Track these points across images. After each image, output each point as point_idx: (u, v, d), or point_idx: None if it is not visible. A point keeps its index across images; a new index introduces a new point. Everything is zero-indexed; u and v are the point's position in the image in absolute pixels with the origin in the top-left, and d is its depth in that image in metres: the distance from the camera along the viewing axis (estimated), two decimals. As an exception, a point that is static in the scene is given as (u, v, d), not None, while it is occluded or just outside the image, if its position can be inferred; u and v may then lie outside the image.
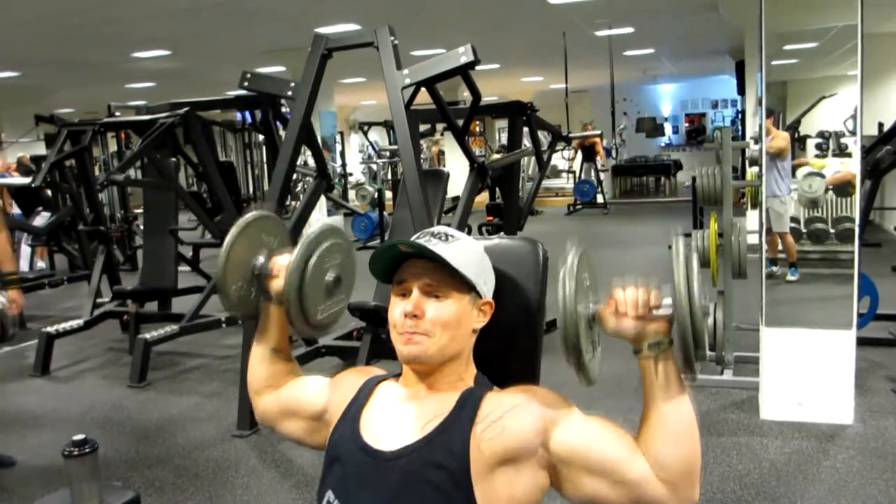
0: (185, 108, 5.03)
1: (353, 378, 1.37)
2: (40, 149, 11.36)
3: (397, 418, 1.24)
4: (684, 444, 1.13)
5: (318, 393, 1.40)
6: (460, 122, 4.53)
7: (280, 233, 1.51)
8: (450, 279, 1.22)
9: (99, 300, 5.77)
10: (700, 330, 1.10)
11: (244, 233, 1.43)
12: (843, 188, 5.60)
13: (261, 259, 1.44)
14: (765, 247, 4.01)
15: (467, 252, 1.26)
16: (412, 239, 1.25)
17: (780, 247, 6.26)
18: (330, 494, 1.24)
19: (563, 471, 1.16)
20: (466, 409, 1.21)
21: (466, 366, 1.28)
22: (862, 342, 3.87)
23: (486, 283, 1.29)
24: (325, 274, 1.41)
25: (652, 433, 1.14)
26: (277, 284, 1.39)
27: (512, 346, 1.37)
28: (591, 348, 1.19)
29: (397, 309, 1.24)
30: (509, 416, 1.18)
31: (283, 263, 1.39)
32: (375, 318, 4.21)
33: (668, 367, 1.14)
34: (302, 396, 1.42)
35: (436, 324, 1.21)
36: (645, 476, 1.12)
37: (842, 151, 7.50)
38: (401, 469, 1.18)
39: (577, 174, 14.79)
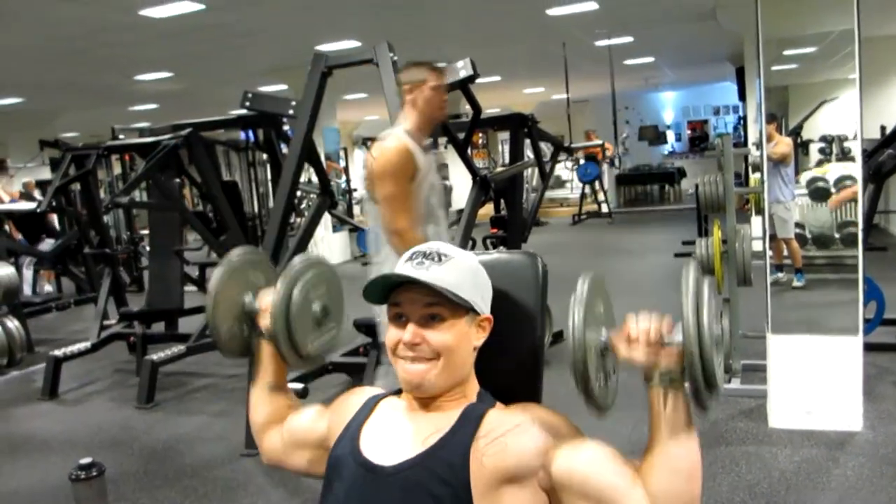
0: (188, 129, 5.07)
1: (353, 399, 1.38)
2: (46, 173, 11.44)
3: (398, 433, 1.25)
4: (684, 484, 1.12)
5: (317, 420, 1.41)
6: (462, 136, 4.55)
7: (266, 269, 1.53)
8: (446, 302, 1.21)
9: (106, 322, 5.79)
10: (710, 364, 1.07)
11: (230, 274, 1.46)
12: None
13: (248, 297, 1.46)
14: (769, 253, 4.00)
15: (462, 270, 1.25)
16: (406, 257, 1.26)
17: (785, 253, 6.24)
18: None
19: (560, 495, 1.16)
20: (468, 424, 1.21)
21: (469, 383, 1.28)
22: (869, 348, 3.85)
23: (483, 299, 1.28)
24: (312, 305, 1.43)
25: (653, 467, 1.12)
26: (267, 321, 1.41)
27: (513, 360, 1.37)
28: (601, 377, 1.18)
29: (395, 336, 1.23)
30: (512, 434, 1.18)
31: (270, 299, 1.41)
32: (381, 334, 4.21)
33: (677, 401, 1.12)
34: (303, 427, 1.43)
35: (437, 349, 1.21)
36: None
37: (845, 156, 7.49)
38: (401, 483, 1.18)
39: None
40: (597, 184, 14.65)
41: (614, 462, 1.14)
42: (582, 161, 14.44)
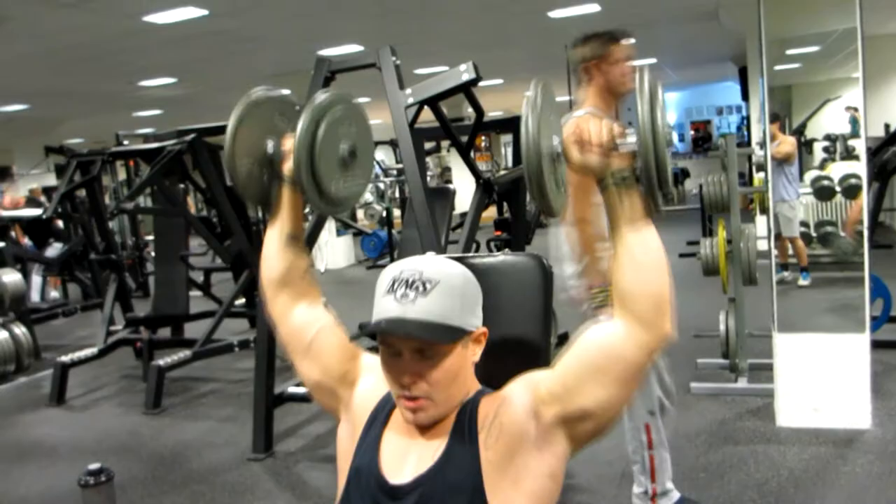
0: (193, 135, 5.08)
1: (378, 377, 1.31)
2: (51, 180, 11.49)
3: (410, 446, 1.23)
4: (650, 273, 1.14)
5: (348, 359, 1.37)
6: (465, 139, 4.55)
7: (292, 116, 1.42)
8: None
9: (112, 328, 5.79)
10: (663, 160, 1.11)
11: (254, 110, 1.38)
12: (852, 189, 5.58)
13: (272, 142, 1.39)
14: (775, 252, 4.00)
15: (449, 294, 1.20)
16: (387, 286, 1.21)
17: (790, 252, 6.24)
18: None
19: (568, 409, 1.17)
20: (465, 422, 1.21)
21: (471, 389, 1.27)
22: (877, 345, 3.83)
23: (475, 315, 1.25)
24: (339, 142, 1.36)
25: (619, 265, 1.16)
26: (290, 164, 1.35)
27: (519, 365, 1.36)
28: (554, 184, 1.18)
29: (391, 372, 1.21)
30: (502, 410, 1.19)
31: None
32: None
33: (632, 199, 1.15)
34: (327, 347, 1.37)
35: (434, 385, 1.19)
36: (620, 335, 1.14)
37: (849, 154, 7.50)
38: (416, 500, 1.17)
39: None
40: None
41: (577, 341, 1.19)
42: None
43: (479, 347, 1.26)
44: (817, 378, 3.61)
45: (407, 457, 1.22)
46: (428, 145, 10.36)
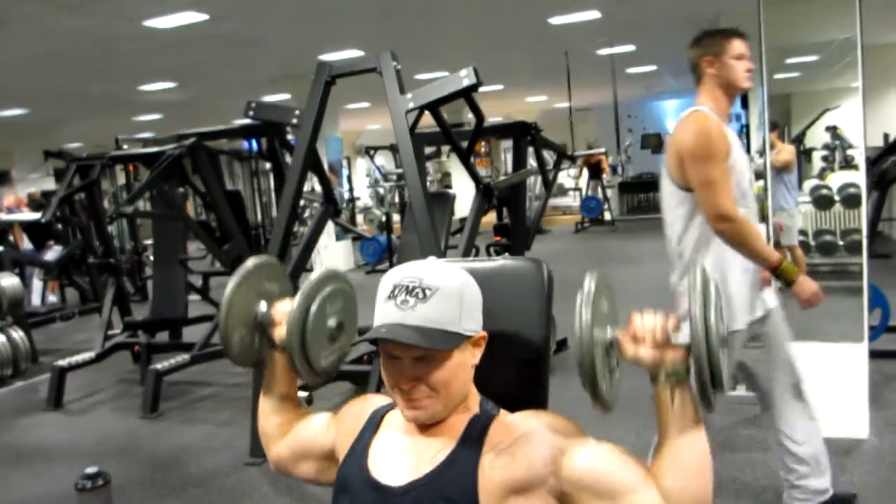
0: (192, 139, 5.08)
1: (358, 411, 1.36)
2: (50, 184, 11.48)
3: (405, 451, 1.23)
4: (695, 480, 1.12)
5: (323, 431, 1.40)
6: (465, 144, 4.56)
7: (281, 279, 1.52)
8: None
9: (110, 332, 5.79)
10: (716, 362, 1.09)
11: (245, 282, 1.44)
12: (851, 199, 5.59)
13: (262, 307, 1.45)
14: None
15: (448, 300, 1.19)
16: (388, 292, 1.21)
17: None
18: None
19: (573, 497, 1.14)
20: (473, 438, 1.20)
21: (470, 395, 1.26)
22: (875, 355, 3.83)
23: (474, 319, 1.24)
24: (327, 321, 1.41)
25: (664, 465, 1.13)
26: (280, 332, 1.40)
27: (519, 370, 1.36)
28: (608, 375, 1.17)
29: (391, 376, 1.21)
30: (518, 445, 1.16)
31: (284, 310, 1.39)
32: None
33: (684, 398, 1.13)
34: (309, 437, 1.42)
35: (434, 387, 1.19)
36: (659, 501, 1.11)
37: (848, 163, 7.51)
38: None
39: (584, 191, 14.87)
40: (599, 191, 14.70)
41: (626, 460, 1.14)
42: (584, 188, 14.66)
43: (479, 350, 1.25)
44: (815, 387, 3.60)
45: (402, 457, 1.22)
46: (428, 150, 10.36)
